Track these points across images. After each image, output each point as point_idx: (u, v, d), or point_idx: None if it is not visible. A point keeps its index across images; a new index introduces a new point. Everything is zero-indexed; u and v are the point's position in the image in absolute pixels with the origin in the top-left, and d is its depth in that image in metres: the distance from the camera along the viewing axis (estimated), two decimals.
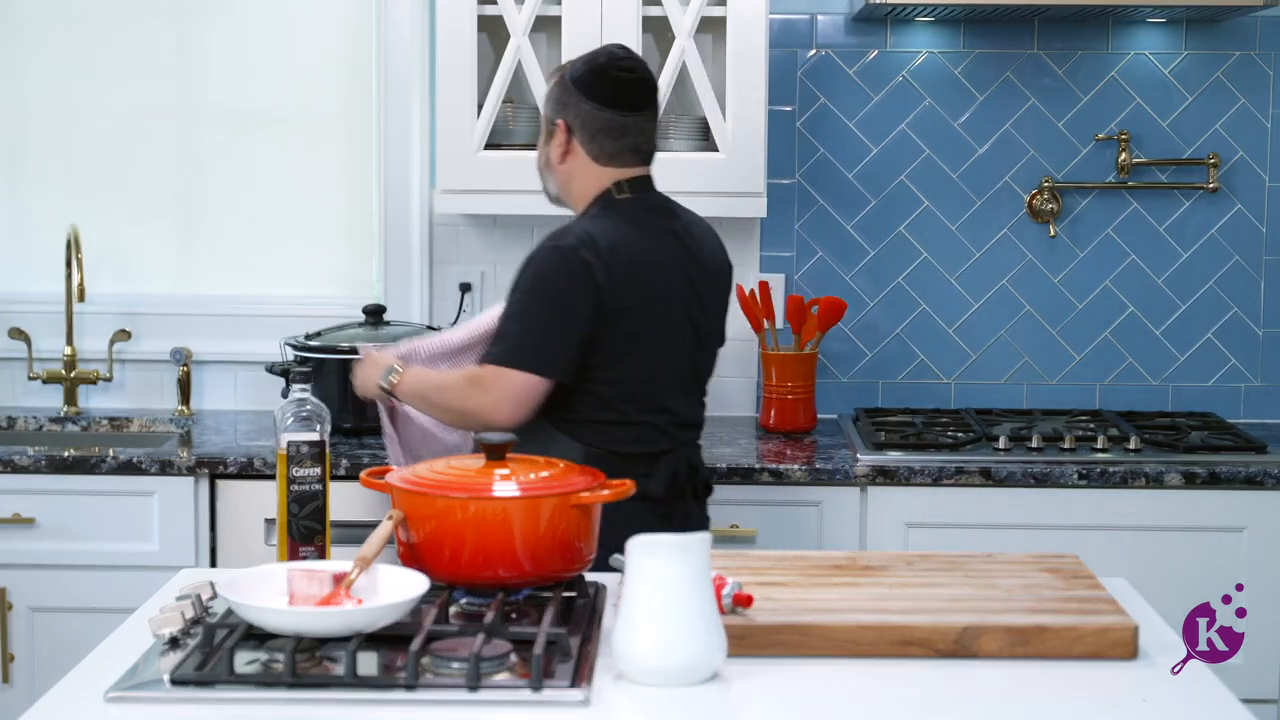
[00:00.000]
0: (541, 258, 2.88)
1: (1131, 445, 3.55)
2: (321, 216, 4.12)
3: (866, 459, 3.49)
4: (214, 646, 2.05)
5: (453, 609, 2.22)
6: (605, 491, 2.25)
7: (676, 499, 2.96)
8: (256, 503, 3.46)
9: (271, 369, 3.79)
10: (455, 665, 1.98)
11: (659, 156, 3.68)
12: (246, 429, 3.81)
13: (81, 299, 3.97)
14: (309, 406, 2.40)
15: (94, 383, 4.02)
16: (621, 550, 2.06)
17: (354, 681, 1.95)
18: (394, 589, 2.12)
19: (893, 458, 3.49)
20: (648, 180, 3.03)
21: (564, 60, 3.65)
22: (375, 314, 3.77)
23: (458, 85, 3.68)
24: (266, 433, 3.72)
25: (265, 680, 1.96)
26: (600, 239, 2.87)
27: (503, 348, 2.86)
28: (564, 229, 2.93)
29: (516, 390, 2.83)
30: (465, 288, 4.00)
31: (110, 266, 4.11)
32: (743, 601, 2.16)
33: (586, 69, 2.97)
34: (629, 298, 2.88)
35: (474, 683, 1.94)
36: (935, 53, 3.98)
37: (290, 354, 3.73)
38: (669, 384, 2.96)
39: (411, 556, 2.23)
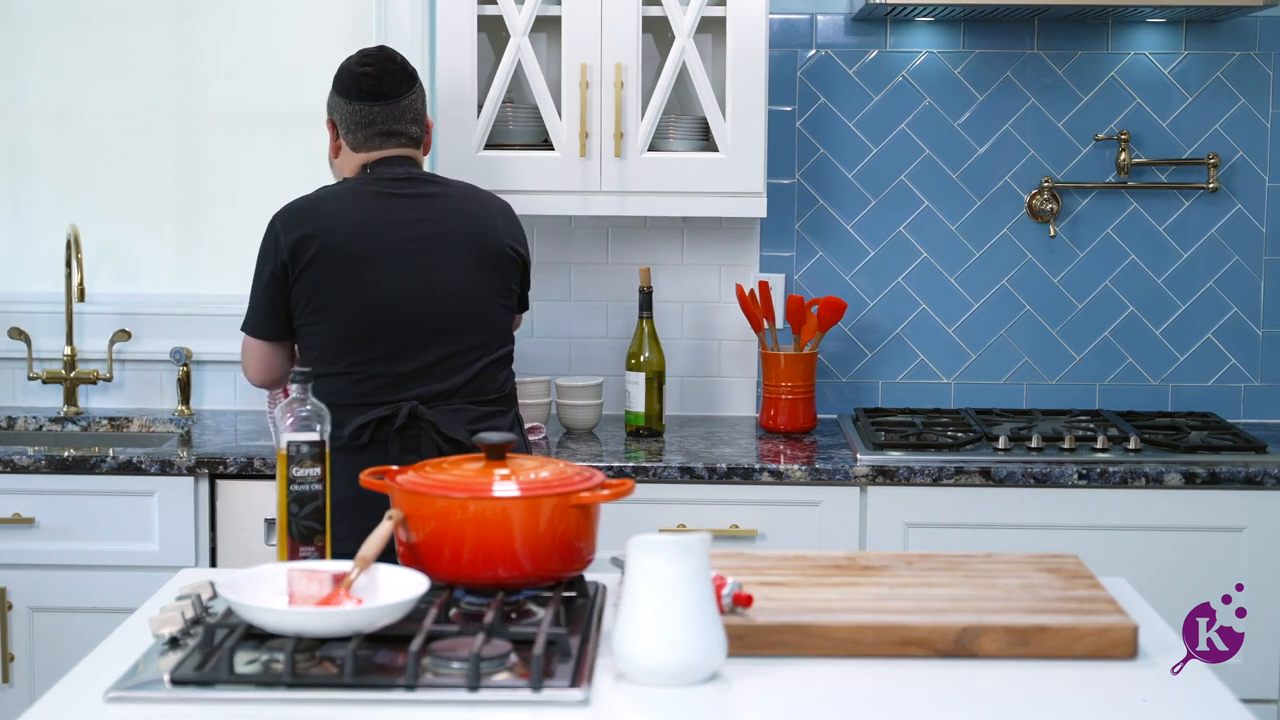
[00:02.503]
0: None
1: (1131, 445, 3.55)
2: None
3: (866, 459, 3.49)
4: (214, 646, 2.04)
5: (453, 609, 2.22)
6: (605, 491, 2.25)
7: (378, 449, 3.06)
8: (256, 503, 3.46)
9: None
10: (455, 665, 1.98)
11: (659, 156, 3.71)
12: (246, 429, 3.81)
13: (81, 299, 3.97)
14: (309, 406, 2.39)
15: (94, 383, 4.03)
16: None
17: (354, 681, 1.95)
18: (394, 589, 2.12)
19: (893, 458, 3.49)
20: (398, 159, 3.21)
21: (563, 59, 3.66)
22: None
23: (458, 85, 3.68)
24: (266, 433, 3.72)
25: (265, 680, 1.96)
26: (293, 209, 3.16)
27: (247, 313, 3.19)
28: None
29: (249, 352, 3.19)
30: None
31: (110, 266, 4.12)
32: (743, 601, 2.16)
33: (339, 71, 3.26)
34: (310, 261, 3.08)
35: (474, 683, 1.94)
36: (935, 53, 3.98)
37: None
38: (369, 338, 3.09)
39: (411, 556, 2.23)
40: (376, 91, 3.19)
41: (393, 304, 3.09)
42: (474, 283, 3.15)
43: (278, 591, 2.11)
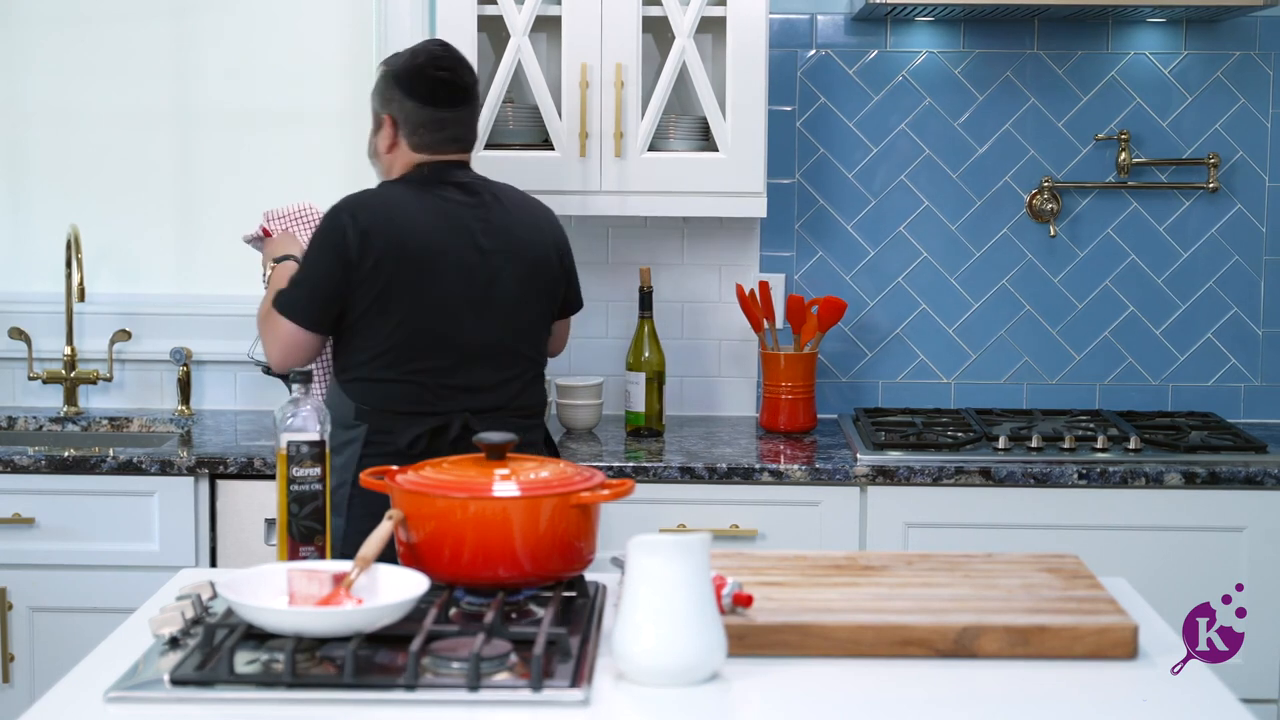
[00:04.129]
0: (321, 221, 3.13)
1: (1131, 445, 3.55)
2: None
3: (866, 459, 3.49)
4: (214, 646, 2.04)
5: (453, 609, 2.22)
6: (605, 491, 2.25)
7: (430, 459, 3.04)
8: (256, 503, 3.46)
9: (269, 370, 3.78)
10: (455, 665, 1.98)
11: (659, 156, 3.71)
12: (246, 429, 3.81)
13: (81, 299, 3.97)
14: (309, 406, 2.39)
15: (94, 383, 4.03)
16: None
17: (354, 681, 1.95)
18: (394, 589, 2.12)
19: (893, 458, 3.49)
20: (458, 163, 3.19)
21: (563, 59, 3.66)
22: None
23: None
24: (266, 433, 3.72)
25: (265, 680, 1.96)
26: (362, 203, 3.10)
27: (281, 293, 3.10)
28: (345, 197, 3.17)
29: (283, 336, 3.08)
30: None
31: (110, 266, 4.12)
32: (743, 601, 2.15)
33: (407, 69, 3.17)
34: (378, 260, 3.04)
35: (474, 683, 1.94)
36: (935, 53, 3.98)
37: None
38: (429, 346, 3.07)
39: (411, 556, 2.23)
40: (451, 99, 3.15)
41: (456, 313, 3.08)
42: (525, 298, 3.16)
43: (278, 591, 2.11)
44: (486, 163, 3.68)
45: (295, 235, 3.32)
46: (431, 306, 3.06)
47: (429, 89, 3.13)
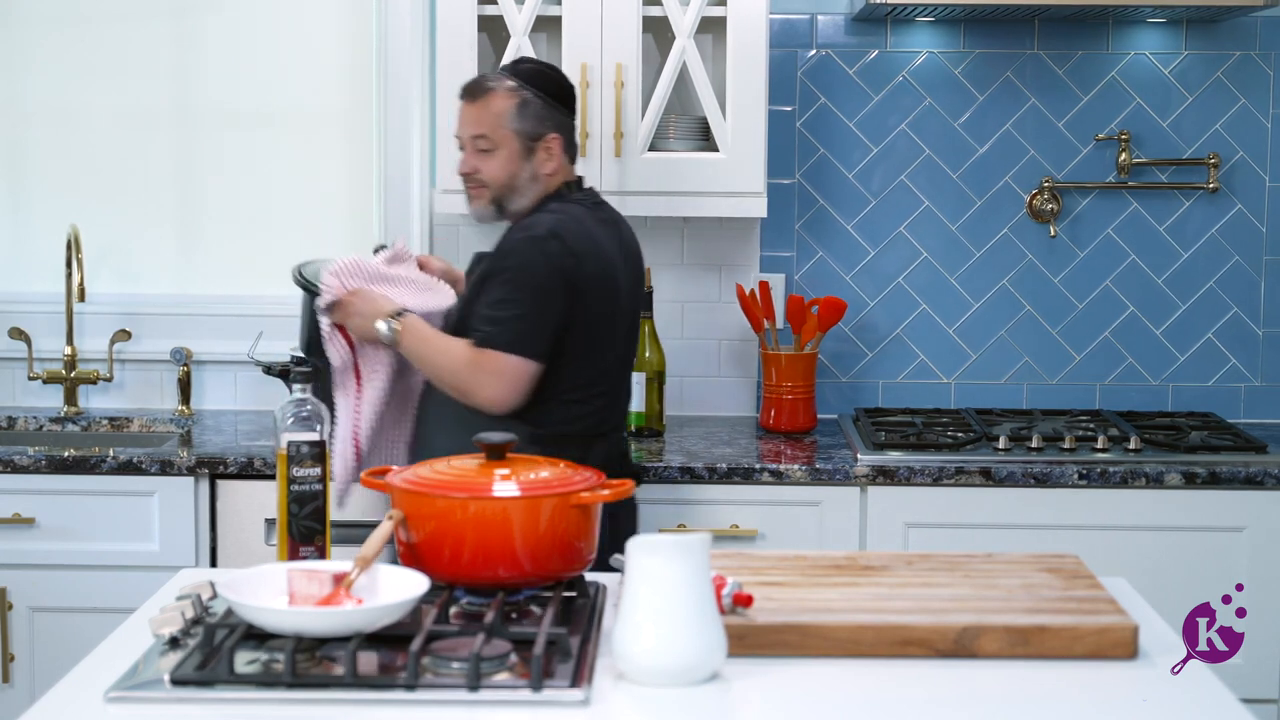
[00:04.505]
0: (522, 249, 3.04)
1: (1131, 445, 3.55)
2: (321, 216, 4.12)
3: (866, 459, 3.49)
4: (214, 646, 2.04)
5: (453, 609, 2.22)
6: (605, 491, 2.25)
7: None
8: (256, 503, 3.46)
9: (270, 370, 3.79)
10: (455, 665, 1.98)
11: (659, 156, 3.72)
12: (246, 429, 3.81)
13: (81, 299, 3.97)
14: (309, 406, 2.39)
15: (94, 383, 4.03)
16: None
17: (354, 681, 1.95)
18: (394, 589, 2.12)
19: (893, 458, 3.49)
20: (580, 178, 3.26)
21: (563, 59, 3.66)
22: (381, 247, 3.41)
23: (458, 85, 3.67)
24: (266, 433, 3.72)
25: (265, 680, 1.96)
26: (565, 230, 3.05)
27: (498, 332, 3.00)
28: (531, 221, 3.10)
29: (513, 374, 3.00)
30: None
31: (110, 266, 4.12)
32: (743, 601, 2.15)
33: (559, 84, 3.18)
34: (589, 285, 3.05)
35: (474, 683, 1.94)
36: (935, 53, 3.98)
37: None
38: (611, 368, 3.14)
39: (411, 556, 2.23)
40: (574, 106, 3.22)
41: (629, 334, 3.20)
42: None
43: (278, 591, 2.11)
44: None
45: (371, 290, 3.15)
46: (622, 333, 3.15)
47: (569, 97, 3.19)
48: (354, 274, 3.13)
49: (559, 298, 3.01)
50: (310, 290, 3.15)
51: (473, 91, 3.17)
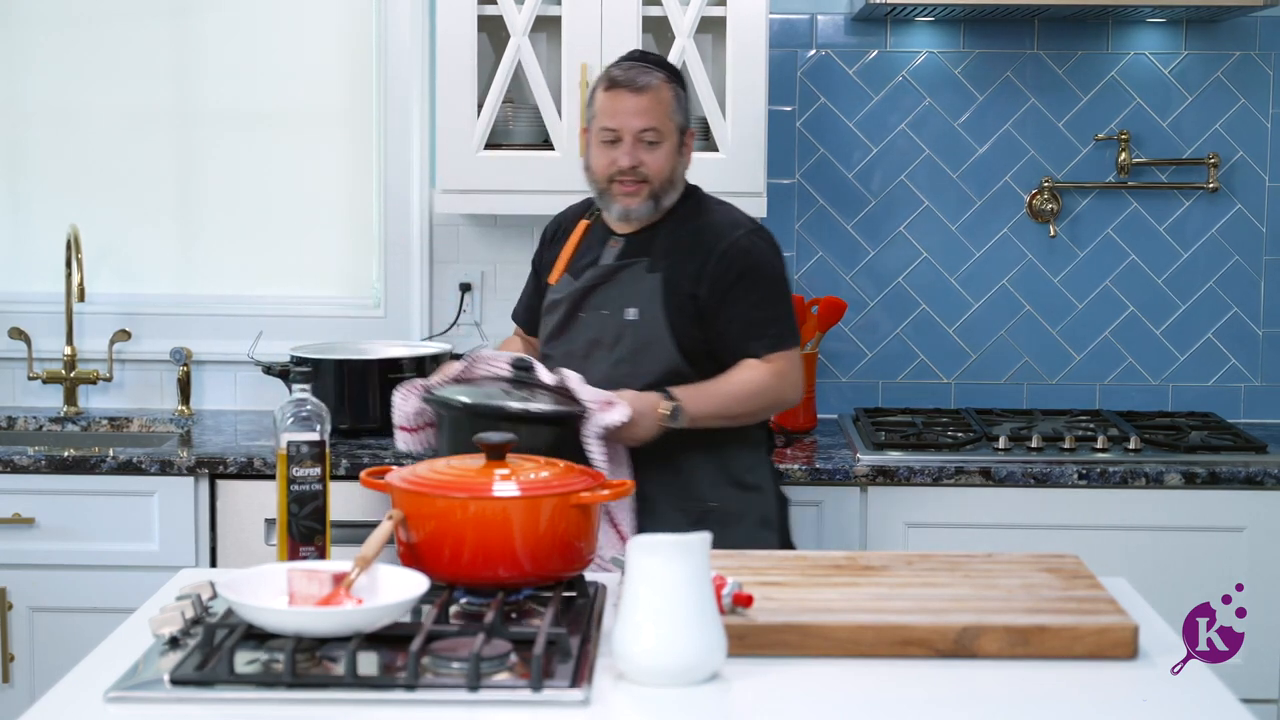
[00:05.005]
0: (758, 245, 3.07)
1: (1131, 445, 3.55)
2: (321, 216, 4.12)
3: (866, 459, 3.49)
4: (214, 646, 2.04)
5: (453, 609, 2.22)
6: (605, 491, 2.25)
7: None
8: (256, 503, 3.46)
9: (270, 370, 3.79)
10: (455, 665, 1.98)
11: None
12: (246, 429, 3.81)
13: (81, 299, 3.97)
14: (309, 406, 2.39)
15: (94, 383, 4.02)
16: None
17: (354, 681, 1.95)
18: (394, 589, 2.11)
19: (893, 458, 3.49)
20: None
21: (563, 59, 3.66)
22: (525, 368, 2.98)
23: (458, 85, 3.68)
24: (266, 433, 3.72)
25: (265, 680, 1.96)
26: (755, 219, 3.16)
27: (780, 331, 3.06)
28: (737, 219, 3.12)
29: (801, 363, 3.11)
30: (465, 288, 4.00)
31: (110, 266, 4.11)
32: (743, 601, 2.15)
33: (677, 73, 3.13)
34: None
35: (474, 683, 1.94)
36: (935, 53, 3.98)
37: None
38: None
39: (411, 556, 2.23)
40: None
41: None
42: None
43: (278, 591, 2.11)
44: (487, 163, 3.69)
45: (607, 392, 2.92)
46: None
47: None
48: (582, 384, 2.89)
49: (790, 285, 3.12)
50: (546, 420, 2.82)
51: (637, 83, 3.06)
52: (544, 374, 2.92)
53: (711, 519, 2.93)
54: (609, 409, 2.86)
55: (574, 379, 2.90)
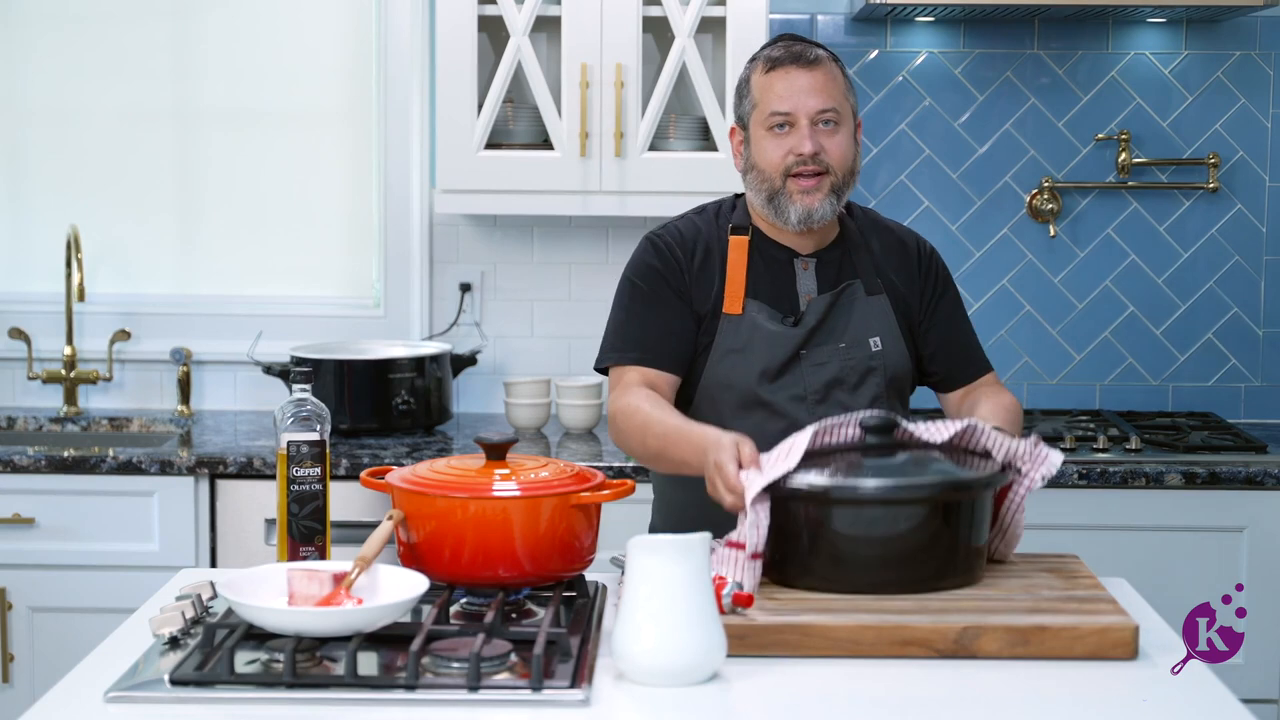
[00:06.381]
0: (939, 261, 2.81)
1: (1131, 445, 3.55)
2: (321, 216, 4.12)
3: None
4: (214, 646, 2.05)
5: (453, 609, 2.22)
6: (606, 491, 2.25)
7: None
8: (256, 503, 3.46)
9: (270, 370, 3.79)
10: (455, 665, 1.98)
11: (659, 156, 3.72)
12: (246, 429, 3.81)
13: (81, 299, 3.96)
14: (309, 406, 2.39)
15: (94, 383, 4.02)
16: None
17: (354, 681, 1.95)
18: (394, 589, 2.12)
19: None
20: None
21: (563, 59, 3.66)
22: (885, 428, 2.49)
23: (458, 85, 3.68)
24: (266, 433, 3.72)
25: (265, 680, 1.96)
26: None
27: (983, 349, 2.92)
28: (889, 221, 2.82)
29: None
30: (465, 288, 4.00)
31: (110, 266, 4.11)
32: (743, 601, 2.15)
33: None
34: None
35: (474, 683, 1.94)
36: (935, 53, 3.98)
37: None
38: None
39: (411, 556, 2.24)
40: None
41: None
42: None
43: (278, 591, 2.11)
44: (487, 163, 3.69)
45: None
46: None
47: None
48: (994, 432, 2.40)
49: None
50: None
51: (806, 56, 2.59)
52: (926, 430, 2.38)
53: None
54: (1041, 453, 2.36)
55: (982, 430, 2.37)
